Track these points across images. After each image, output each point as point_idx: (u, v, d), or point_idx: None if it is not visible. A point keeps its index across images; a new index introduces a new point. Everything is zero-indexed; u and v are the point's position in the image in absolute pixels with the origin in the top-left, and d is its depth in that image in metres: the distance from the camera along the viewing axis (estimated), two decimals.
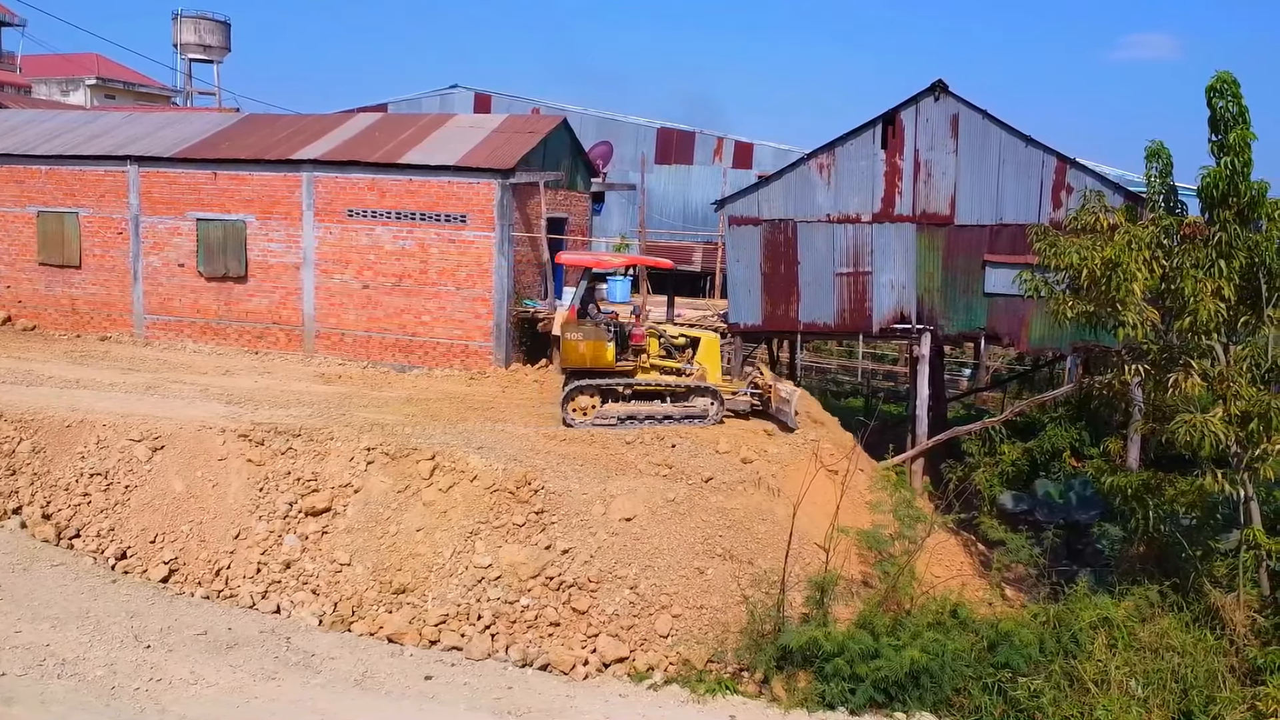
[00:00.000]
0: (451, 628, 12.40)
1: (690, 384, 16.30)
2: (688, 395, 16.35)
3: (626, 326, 16.58)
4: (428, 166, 21.34)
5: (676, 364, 16.63)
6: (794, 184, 19.62)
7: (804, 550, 12.96)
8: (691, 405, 16.22)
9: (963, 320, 19.30)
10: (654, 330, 16.91)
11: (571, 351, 16.11)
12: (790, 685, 11.76)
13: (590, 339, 15.98)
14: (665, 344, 16.78)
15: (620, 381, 16.28)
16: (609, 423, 16.04)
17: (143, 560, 13.70)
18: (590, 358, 16.01)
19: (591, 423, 16.13)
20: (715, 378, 16.51)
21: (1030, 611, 12.92)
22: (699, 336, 16.92)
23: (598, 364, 16.05)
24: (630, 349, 16.41)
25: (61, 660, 11.05)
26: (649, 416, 16.07)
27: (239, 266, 22.68)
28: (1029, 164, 18.53)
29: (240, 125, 25.32)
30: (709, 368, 16.53)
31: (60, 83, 59.45)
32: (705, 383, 16.22)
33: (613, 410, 16.21)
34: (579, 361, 16.12)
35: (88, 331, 24.08)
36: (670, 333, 17.08)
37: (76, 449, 15.11)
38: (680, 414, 16.11)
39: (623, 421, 16.02)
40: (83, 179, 23.85)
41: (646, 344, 16.61)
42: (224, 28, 58.76)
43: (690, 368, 16.55)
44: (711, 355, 16.65)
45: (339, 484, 14.07)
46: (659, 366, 16.63)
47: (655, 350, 16.74)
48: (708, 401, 16.17)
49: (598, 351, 15.93)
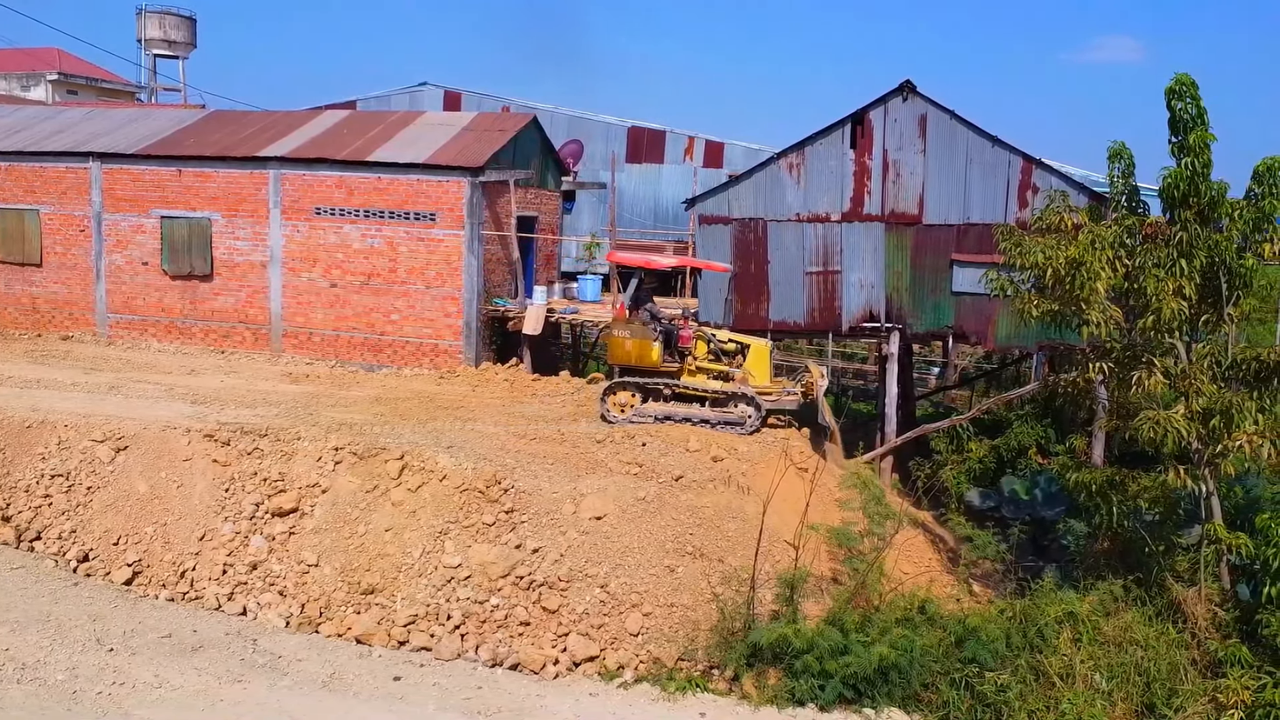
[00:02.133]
0: (421, 628, 12.32)
1: (729, 390, 16.29)
2: (727, 401, 16.34)
3: (675, 328, 16.65)
4: (396, 165, 21.20)
5: (723, 368, 16.63)
6: (764, 183, 19.68)
7: (774, 548, 13.01)
8: (730, 411, 16.23)
9: (931, 319, 19.45)
10: (702, 334, 16.92)
11: (618, 348, 16.38)
12: (760, 682, 11.80)
13: (637, 337, 16.15)
14: (714, 348, 16.80)
15: (660, 381, 16.38)
16: (645, 421, 16.18)
17: (106, 562, 13.50)
18: (636, 356, 16.24)
19: (629, 420, 16.26)
20: (762, 385, 16.49)
21: (997, 607, 13.04)
22: (749, 343, 16.94)
23: (643, 362, 16.27)
24: (677, 350, 16.53)
25: (21, 665, 10.85)
26: (685, 418, 16.16)
27: (204, 265, 22.40)
28: (995, 164, 18.72)
29: (206, 122, 25.02)
30: (756, 374, 16.53)
31: (20, 78, 58.33)
32: (744, 389, 16.19)
33: (651, 409, 16.36)
34: (624, 359, 16.38)
35: (49, 331, 23.69)
36: (720, 337, 17.08)
37: (37, 450, 14.85)
38: (717, 419, 16.16)
39: (660, 421, 16.13)
40: (44, 175, 23.46)
41: (694, 346, 16.67)
42: (189, 23, 57.95)
43: (736, 373, 16.53)
44: (760, 362, 16.68)
45: (306, 484, 13.94)
46: (705, 369, 16.66)
47: (703, 353, 16.78)
48: (746, 408, 16.15)
49: (643, 350, 16.15)
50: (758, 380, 16.56)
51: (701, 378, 16.62)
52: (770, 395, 16.53)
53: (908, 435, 19.44)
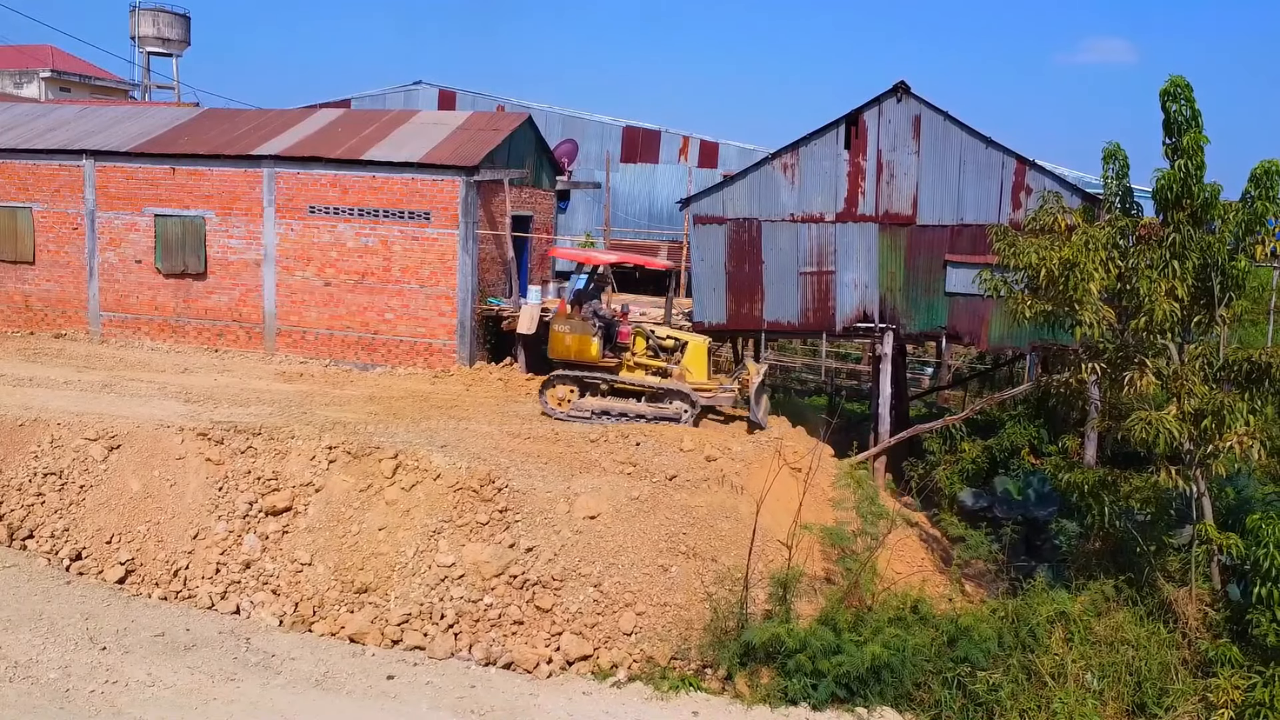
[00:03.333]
0: (414, 627, 12.32)
1: (664, 386, 16.39)
2: (664, 396, 16.44)
3: (615, 324, 16.77)
4: (391, 163, 21.17)
5: (661, 364, 16.76)
6: (758, 183, 19.70)
7: (767, 547, 13.03)
8: (665, 407, 16.35)
9: (924, 319, 19.49)
10: (641, 330, 17.03)
11: (558, 343, 16.54)
12: (753, 682, 11.82)
13: (577, 332, 16.33)
14: (653, 344, 16.91)
15: (598, 376, 16.48)
16: (584, 415, 16.26)
17: (98, 561, 13.48)
18: (576, 351, 16.44)
19: (568, 414, 16.32)
20: (700, 381, 16.60)
21: (989, 606, 13.09)
22: (687, 340, 17.03)
23: (582, 357, 16.45)
24: (616, 346, 16.64)
25: (14, 663, 10.85)
26: (622, 413, 16.29)
27: (198, 263, 22.36)
28: (989, 165, 18.76)
29: (200, 120, 24.96)
30: (694, 371, 16.65)
31: (13, 75, 58.10)
32: (679, 385, 16.31)
33: (588, 404, 16.47)
34: (564, 353, 16.55)
35: (41, 329, 23.62)
36: (660, 334, 17.18)
37: (30, 448, 14.82)
38: (653, 414, 16.30)
39: (597, 415, 16.22)
40: (37, 173, 23.39)
41: (632, 342, 16.79)
42: (183, 21, 57.80)
43: (674, 369, 16.64)
44: (698, 359, 16.81)
45: (300, 483, 13.93)
46: (644, 365, 16.80)
47: (641, 349, 16.90)
48: (681, 405, 16.27)
49: (583, 345, 16.36)
50: (695, 377, 16.76)
51: (640, 373, 16.83)
52: (707, 391, 16.71)
53: (901, 435, 19.47)
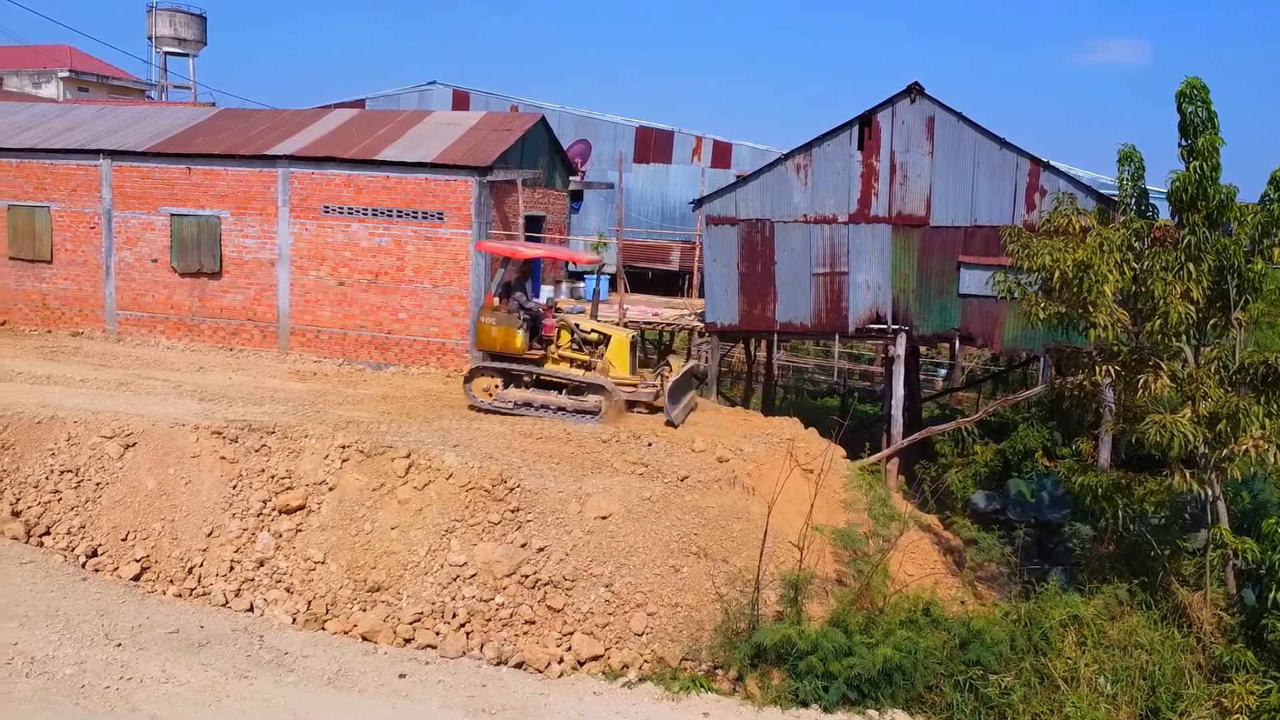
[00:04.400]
0: (426, 626, 12.36)
1: (585, 379, 16.72)
2: (584, 390, 16.76)
3: (540, 316, 17.09)
4: (405, 163, 21.25)
5: (584, 357, 17.07)
6: (771, 184, 19.70)
7: (778, 549, 13.02)
8: (585, 400, 16.63)
9: (937, 321, 19.45)
10: (565, 323, 17.31)
11: (484, 335, 16.89)
12: (764, 683, 11.82)
13: (502, 325, 16.68)
14: (577, 338, 17.20)
15: (523, 368, 16.85)
16: (506, 406, 16.73)
17: (114, 558, 13.57)
18: (501, 342, 16.74)
19: (491, 405, 16.80)
20: (623, 375, 16.96)
21: (1001, 609, 13.05)
22: (611, 334, 17.31)
23: (508, 349, 16.77)
24: (541, 339, 17.02)
25: (30, 659, 10.92)
26: (543, 405, 16.70)
27: (213, 262, 22.49)
28: (1003, 166, 18.70)
29: (215, 120, 25.12)
30: (617, 365, 16.95)
31: (31, 75, 58.55)
32: (599, 379, 16.64)
33: (511, 395, 16.90)
34: (491, 345, 16.90)
35: (59, 327, 23.81)
36: (584, 327, 17.45)
37: (46, 446, 14.93)
38: (573, 407, 16.62)
39: (519, 407, 16.70)
40: (54, 173, 23.58)
41: (557, 335, 17.12)
42: (200, 21, 58.15)
43: (598, 363, 16.98)
44: (620, 353, 17.07)
45: (313, 482, 14.00)
46: (568, 358, 17.10)
47: (566, 342, 17.18)
48: (600, 399, 16.52)
49: (508, 337, 16.67)
50: (618, 371, 16.96)
51: (564, 366, 17.02)
52: (629, 386, 16.94)
53: (914, 437, 19.44)
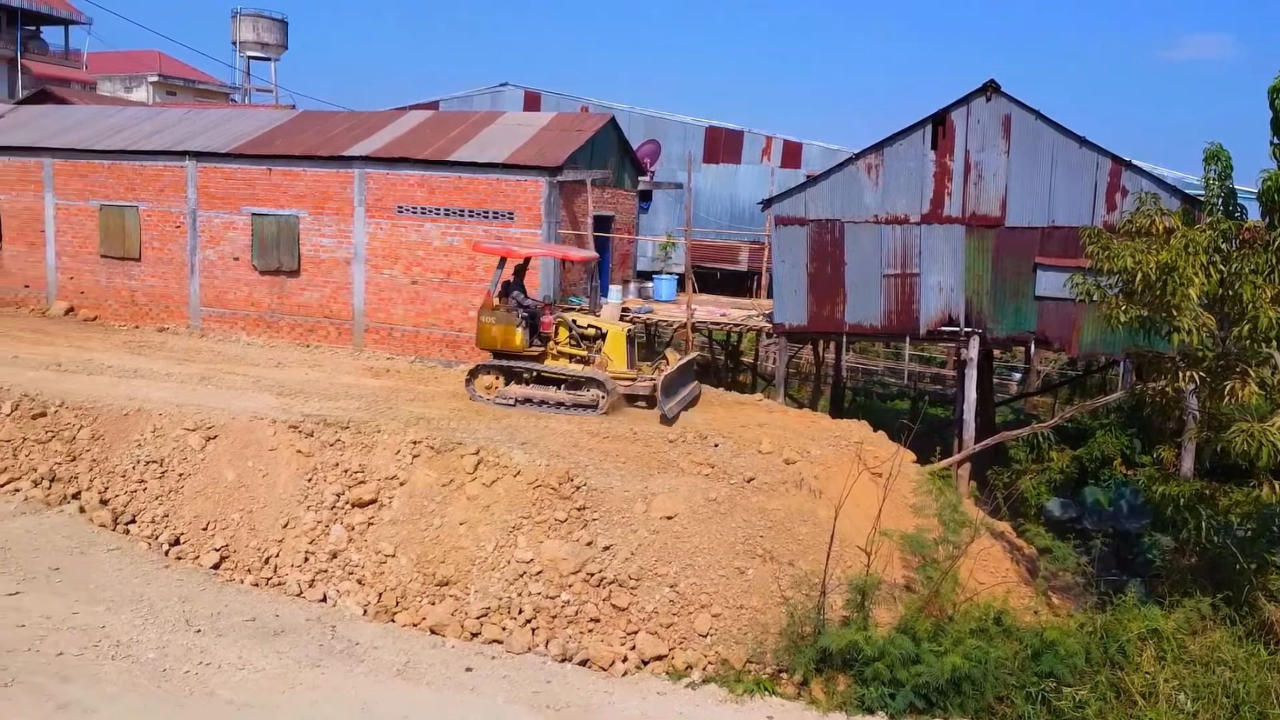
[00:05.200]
0: (492, 621, 12.51)
1: (583, 374, 17.01)
2: (582, 385, 17.04)
3: (539, 314, 17.46)
4: (476, 164, 21.53)
5: (582, 353, 17.40)
6: (841, 184, 19.48)
7: (845, 553, 12.88)
8: (582, 394, 16.91)
9: (1012, 323, 19.03)
10: (563, 320, 17.63)
11: (485, 333, 17.32)
12: (829, 688, 11.70)
13: (502, 323, 17.09)
14: (575, 334, 17.50)
15: (523, 365, 17.22)
16: (507, 402, 17.07)
17: (195, 547, 14.01)
18: (501, 340, 17.15)
19: (494, 400, 17.15)
20: (621, 369, 17.23)
21: (1076, 621, 12.70)
22: (608, 329, 17.57)
23: (507, 346, 17.18)
24: (540, 335, 17.39)
25: (116, 642, 11.34)
26: (543, 401, 16.98)
27: (291, 261, 23.07)
28: (1082, 166, 18.21)
29: (295, 122, 25.77)
30: (614, 359, 17.24)
31: (124, 80, 60.91)
32: (596, 374, 16.92)
33: (512, 391, 17.24)
34: (491, 343, 17.31)
35: (146, 323, 24.68)
36: (581, 323, 17.75)
37: (133, 437, 15.50)
38: (571, 401, 16.89)
39: (520, 402, 17.02)
40: (143, 174, 24.44)
41: (555, 332, 17.49)
42: (281, 26, 59.77)
43: (595, 358, 17.29)
44: (617, 348, 17.35)
45: (385, 476, 14.27)
46: (566, 354, 17.44)
47: (564, 338, 17.51)
48: (597, 392, 16.79)
49: (507, 335, 17.10)
50: (616, 365, 17.22)
51: (563, 361, 17.36)
52: (626, 380, 17.16)
53: (987, 442, 19.04)
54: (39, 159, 25.44)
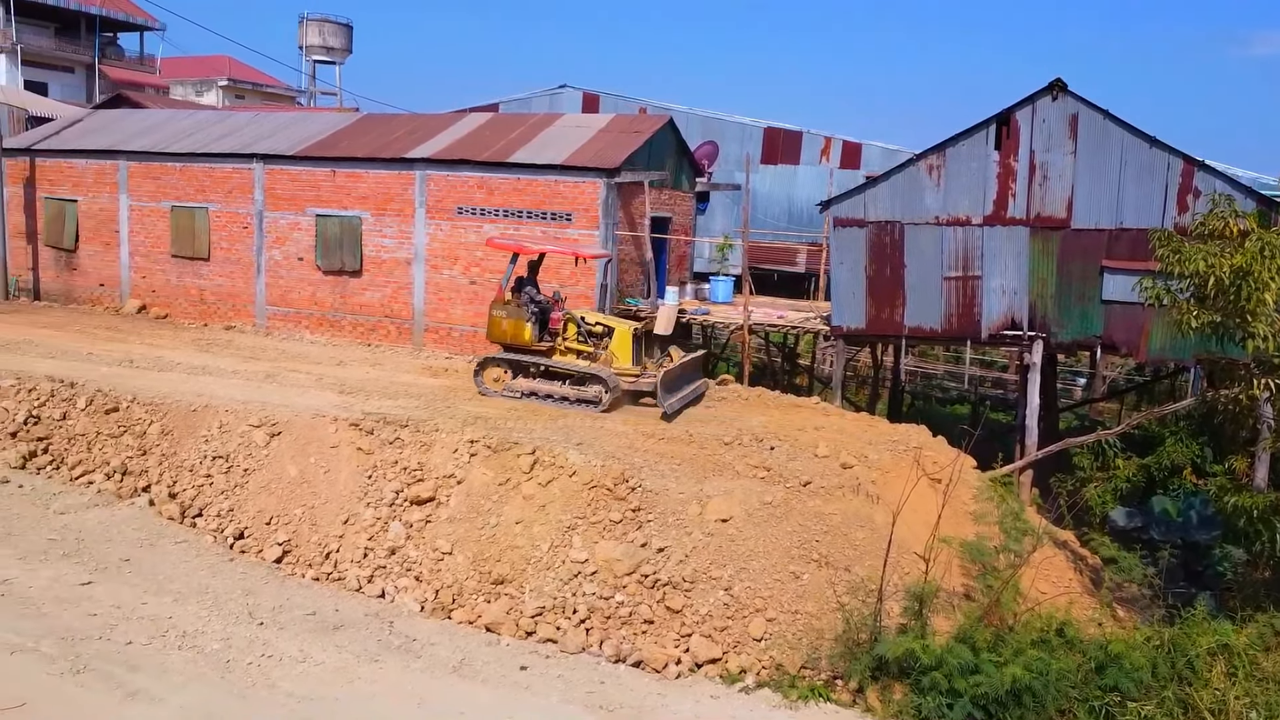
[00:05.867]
0: (547, 620, 12.58)
1: (587, 370, 17.33)
2: (586, 380, 17.37)
3: (548, 310, 17.82)
4: (535, 165, 21.69)
5: (589, 349, 17.72)
6: (902, 185, 19.23)
7: (903, 559, 12.71)
8: (586, 390, 17.24)
9: (1077, 328, 18.59)
10: (571, 316, 17.94)
11: (495, 327, 17.71)
12: (885, 696, 11.55)
13: (512, 317, 17.47)
14: (583, 330, 17.81)
15: (531, 359, 17.63)
16: (514, 395, 17.52)
17: (258, 541, 14.32)
18: (511, 334, 17.54)
19: (501, 393, 17.62)
20: (624, 366, 17.55)
21: (1143, 634, 12.37)
22: (615, 326, 17.90)
23: (517, 341, 17.57)
24: (549, 331, 17.76)
25: (182, 632, 11.63)
26: (547, 395, 17.40)
27: (354, 261, 23.48)
28: (1153, 166, 17.73)
29: (358, 125, 26.22)
30: (620, 356, 17.57)
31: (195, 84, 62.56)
32: (599, 370, 17.24)
33: (519, 385, 17.72)
34: (501, 337, 17.71)
35: (214, 321, 25.31)
36: (589, 320, 18.05)
37: (201, 432, 15.90)
38: (574, 396, 17.25)
39: (525, 395, 17.46)
40: (213, 175, 25.07)
41: (563, 328, 17.83)
42: (346, 30, 60.89)
43: (601, 354, 17.62)
44: (623, 345, 17.66)
45: (443, 475, 14.44)
46: (574, 349, 17.77)
47: (572, 334, 17.82)
48: (599, 388, 17.10)
49: (517, 330, 17.48)
50: (621, 362, 17.53)
51: (570, 357, 17.67)
52: (630, 376, 17.42)
53: (1050, 449, 18.62)
54: (114, 161, 26.26)
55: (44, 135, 28.90)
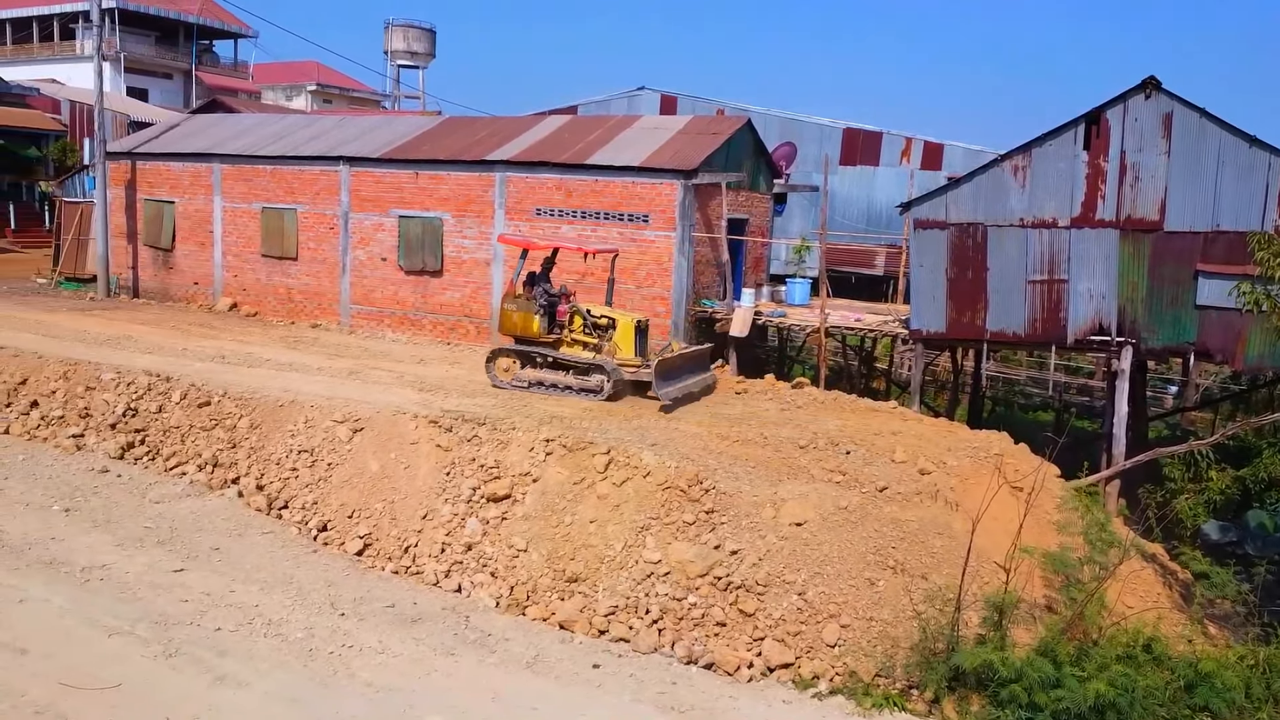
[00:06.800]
0: (620, 620, 12.64)
1: (591, 360, 17.86)
2: (589, 370, 17.90)
3: (556, 303, 18.36)
4: (613, 167, 21.82)
5: (594, 340, 18.27)
6: (985, 186, 18.82)
7: (982, 569, 12.45)
8: (588, 380, 17.75)
9: (1169, 334, 17.97)
10: (577, 309, 18.49)
11: (507, 320, 18.41)
12: (962, 707, 11.33)
13: (522, 310, 18.13)
14: (589, 322, 18.39)
15: (539, 351, 18.23)
16: (521, 385, 18.13)
17: (341, 534, 14.69)
18: (521, 327, 18.27)
19: (509, 383, 18.37)
20: (628, 357, 18.00)
21: (1236, 653, 11.91)
22: (618, 318, 18.40)
23: (526, 333, 18.29)
24: (557, 323, 18.30)
25: (268, 621, 12.02)
26: (553, 384, 18.06)
27: (435, 261, 23.93)
28: (1252, 166, 17.03)
29: (440, 127, 26.73)
30: (623, 348, 18.09)
31: (285, 89, 64.49)
32: (602, 360, 17.78)
33: (526, 375, 18.31)
34: (512, 329, 18.44)
35: (300, 319, 26.06)
36: (595, 313, 18.57)
37: (287, 427, 16.40)
38: (578, 386, 17.92)
39: (533, 385, 18.18)
40: (301, 178, 25.83)
41: (570, 320, 18.38)
42: (429, 35, 62.08)
43: (606, 345, 18.15)
44: (626, 337, 18.17)
45: (519, 473, 14.62)
46: (580, 341, 18.34)
47: (579, 326, 18.39)
48: (602, 378, 17.73)
49: (526, 322, 18.18)
50: (624, 353, 18.15)
51: (577, 349, 18.19)
52: (631, 367, 17.98)
53: (1139, 458, 18.01)
54: (209, 164, 27.25)
55: (144, 139, 30.17)
